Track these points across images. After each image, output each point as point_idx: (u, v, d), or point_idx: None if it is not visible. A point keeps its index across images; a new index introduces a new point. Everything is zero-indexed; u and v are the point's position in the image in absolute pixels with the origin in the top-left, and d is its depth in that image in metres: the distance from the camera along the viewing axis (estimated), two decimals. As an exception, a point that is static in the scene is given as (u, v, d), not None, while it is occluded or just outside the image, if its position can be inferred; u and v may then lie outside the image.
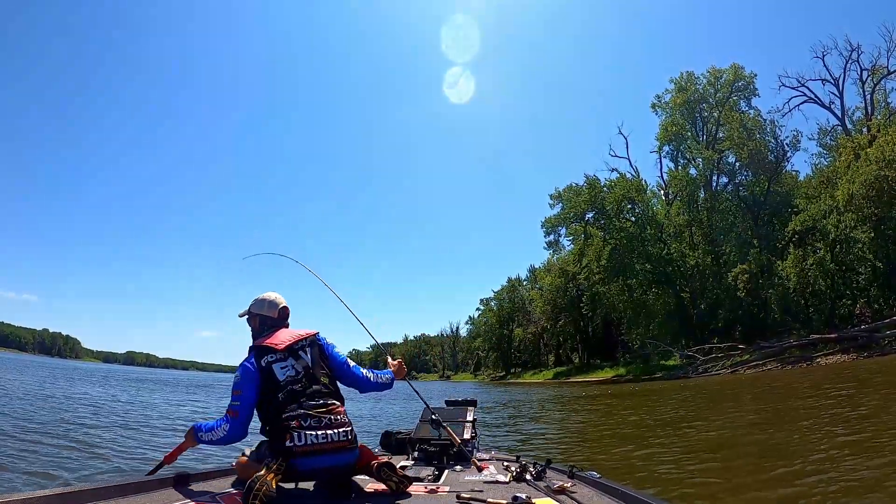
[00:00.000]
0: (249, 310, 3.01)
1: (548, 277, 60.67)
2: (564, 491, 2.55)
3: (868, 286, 30.63)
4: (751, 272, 35.65)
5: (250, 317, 3.00)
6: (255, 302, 3.00)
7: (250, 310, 3.00)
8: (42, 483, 5.05)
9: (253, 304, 3.00)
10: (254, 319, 2.98)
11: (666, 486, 5.26)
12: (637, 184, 45.39)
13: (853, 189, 28.96)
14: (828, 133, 40.90)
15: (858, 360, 22.49)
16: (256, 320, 2.97)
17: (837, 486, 4.59)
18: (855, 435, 6.81)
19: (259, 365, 2.67)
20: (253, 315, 2.99)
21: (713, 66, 44.09)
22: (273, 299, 3.01)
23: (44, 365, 53.92)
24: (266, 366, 2.67)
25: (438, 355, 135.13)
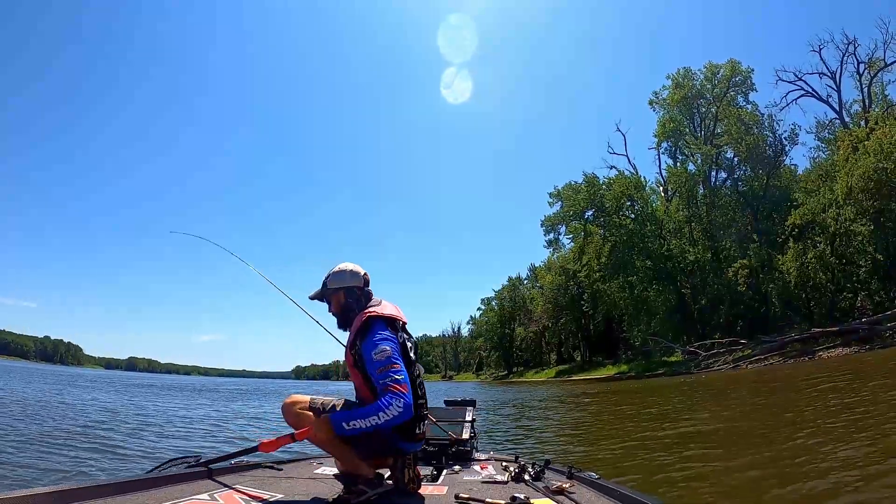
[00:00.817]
0: (327, 286, 2.69)
1: (548, 276, 60.64)
2: (563, 491, 2.54)
3: (868, 279, 30.62)
4: (751, 267, 35.66)
5: (331, 294, 2.70)
6: (334, 276, 2.69)
7: (329, 286, 2.69)
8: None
9: (332, 279, 2.69)
10: (338, 296, 2.68)
11: (666, 486, 5.25)
12: (636, 181, 45.42)
13: (852, 182, 28.94)
14: (825, 127, 40.94)
15: (860, 353, 22.47)
16: (342, 294, 2.68)
17: (839, 484, 4.58)
18: (857, 430, 6.79)
19: (398, 338, 2.52)
20: (336, 290, 2.69)
21: (710, 62, 44.17)
22: (353, 268, 2.72)
23: (49, 373, 53.89)
24: (402, 341, 2.55)
25: (440, 356, 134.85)
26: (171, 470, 2.59)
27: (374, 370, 2.35)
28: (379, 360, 2.35)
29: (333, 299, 2.69)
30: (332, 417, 2.33)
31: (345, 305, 2.67)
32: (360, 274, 2.71)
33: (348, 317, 2.65)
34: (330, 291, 2.69)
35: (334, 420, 2.31)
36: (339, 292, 2.68)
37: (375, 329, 2.47)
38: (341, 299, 2.68)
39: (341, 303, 2.68)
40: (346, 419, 2.29)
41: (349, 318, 2.64)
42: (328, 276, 2.71)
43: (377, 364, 2.35)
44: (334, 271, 2.70)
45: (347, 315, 2.66)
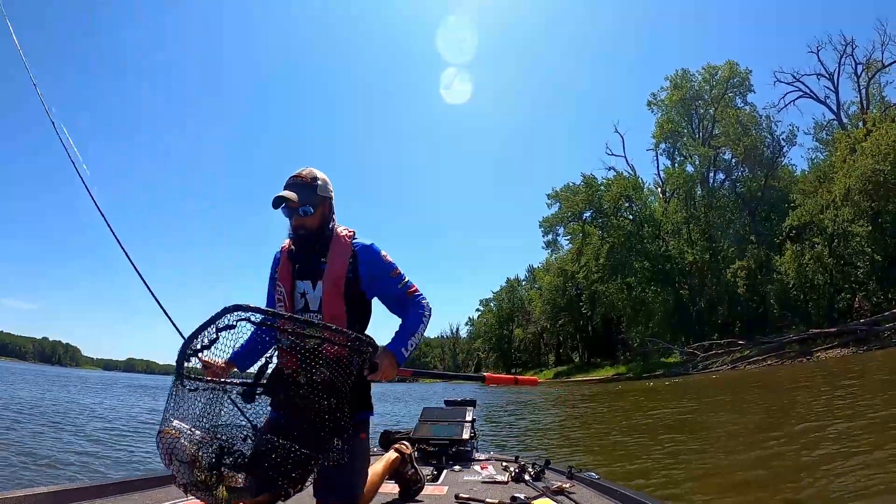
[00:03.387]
0: (317, 192, 2.17)
1: (546, 277, 60.62)
2: (563, 491, 2.55)
3: (866, 280, 30.68)
4: (749, 268, 35.73)
5: (320, 203, 2.19)
6: (323, 181, 2.21)
7: (320, 192, 2.18)
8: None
9: (323, 184, 2.20)
10: (324, 207, 2.21)
11: (665, 487, 5.26)
12: (634, 182, 45.46)
13: (850, 183, 29.02)
14: (823, 128, 41.02)
15: (858, 354, 22.53)
16: (328, 206, 2.24)
17: (837, 483, 4.59)
18: (855, 431, 6.81)
19: None
20: (325, 199, 2.22)
21: (708, 64, 44.23)
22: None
23: (50, 374, 53.78)
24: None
25: (439, 357, 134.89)
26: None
27: (395, 285, 2.23)
28: (396, 276, 2.23)
29: (319, 210, 2.18)
30: (392, 348, 2.10)
31: (327, 218, 2.24)
32: None
33: (322, 235, 2.22)
34: (319, 200, 2.18)
35: (398, 351, 2.10)
36: (325, 202, 2.22)
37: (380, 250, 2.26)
38: (326, 211, 2.23)
39: (325, 216, 2.23)
40: (404, 344, 2.12)
41: (322, 238, 2.22)
42: (314, 179, 2.18)
43: (396, 280, 2.23)
44: (320, 176, 2.21)
45: (323, 233, 2.22)
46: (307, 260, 2.21)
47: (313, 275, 2.19)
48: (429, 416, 4.15)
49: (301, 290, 2.20)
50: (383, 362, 1.99)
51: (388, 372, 2.00)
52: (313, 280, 2.18)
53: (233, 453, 1.58)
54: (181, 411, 1.63)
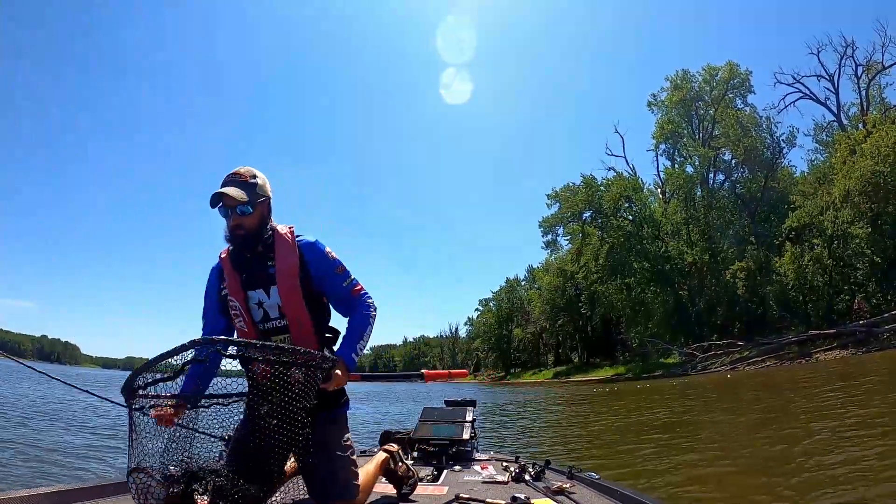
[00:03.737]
0: (256, 191, 2.07)
1: (546, 277, 60.66)
2: (563, 491, 2.55)
3: (866, 281, 30.72)
4: (748, 269, 35.76)
5: (259, 203, 2.08)
6: (262, 181, 2.11)
7: (259, 191, 2.08)
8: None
9: (262, 185, 2.10)
10: (262, 207, 2.11)
11: (665, 487, 5.26)
12: (634, 182, 45.48)
13: (849, 185, 29.06)
14: (823, 129, 41.16)
15: (857, 356, 22.56)
16: (267, 206, 2.15)
17: (837, 485, 4.60)
18: (853, 432, 6.82)
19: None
20: (265, 199, 2.13)
21: (708, 64, 44.29)
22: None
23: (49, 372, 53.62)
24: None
25: (438, 356, 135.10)
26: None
27: (340, 283, 2.15)
28: (341, 274, 2.15)
29: (258, 209, 2.07)
30: (342, 354, 2.02)
31: (265, 218, 2.13)
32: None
33: (262, 237, 2.11)
34: (258, 199, 2.07)
35: (348, 357, 2.02)
36: (265, 202, 2.11)
37: (324, 247, 2.17)
38: (265, 211, 2.12)
39: (264, 216, 2.12)
40: (353, 350, 2.05)
41: (263, 239, 2.11)
42: (253, 178, 2.08)
43: (341, 277, 2.15)
44: (259, 175, 2.11)
45: (262, 234, 2.10)
46: (253, 266, 2.10)
47: (264, 281, 2.09)
48: (429, 416, 4.15)
49: (256, 300, 2.10)
50: (336, 371, 1.91)
51: (340, 380, 1.95)
52: (265, 287, 2.09)
53: (203, 478, 1.57)
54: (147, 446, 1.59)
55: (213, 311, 2.19)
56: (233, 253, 2.13)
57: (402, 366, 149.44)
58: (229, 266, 2.14)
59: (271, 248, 2.11)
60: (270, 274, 2.08)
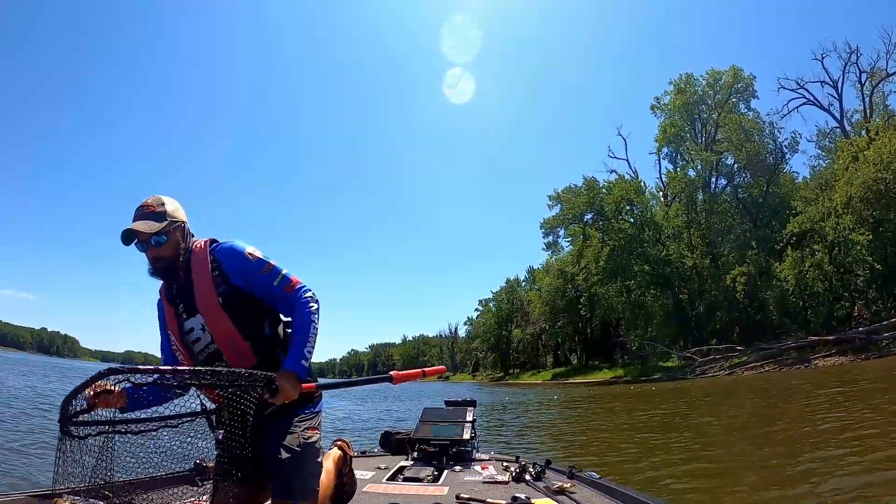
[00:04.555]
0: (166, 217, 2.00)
1: (546, 278, 60.65)
2: (564, 491, 2.57)
3: (866, 288, 30.70)
4: (749, 274, 35.71)
5: (173, 230, 2.02)
6: (171, 207, 2.04)
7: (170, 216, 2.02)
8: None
9: (172, 211, 2.03)
10: (176, 234, 2.04)
11: (664, 487, 5.28)
12: (636, 185, 45.42)
13: (851, 191, 29.01)
14: (826, 135, 41.10)
15: (856, 362, 22.54)
16: (181, 231, 2.07)
17: (836, 485, 4.62)
18: (851, 436, 6.83)
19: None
20: (178, 225, 2.05)
21: (712, 68, 44.21)
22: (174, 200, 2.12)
23: (48, 365, 53.74)
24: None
25: (437, 356, 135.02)
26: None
27: (271, 284, 2.02)
28: (269, 272, 2.03)
29: (173, 237, 2.01)
30: (289, 365, 1.92)
31: (182, 245, 2.05)
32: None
33: (177, 261, 2.03)
34: (171, 226, 2.01)
35: (295, 367, 1.92)
36: (178, 228, 2.04)
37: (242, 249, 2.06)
38: (180, 238, 2.05)
39: (179, 243, 2.04)
40: (300, 356, 1.94)
41: (179, 263, 2.04)
42: (161, 206, 2.01)
43: (269, 276, 2.02)
44: (168, 201, 2.05)
45: (178, 259, 2.03)
46: (184, 294, 2.05)
47: (195, 306, 2.02)
48: (429, 416, 4.17)
49: (190, 327, 2.04)
50: (283, 384, 1.84)
51: (289, 393, 1.86)
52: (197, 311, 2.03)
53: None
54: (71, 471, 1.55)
55: (165, 348, 2.13)
56: (164, 286, 2.11)
57: (402, 365, 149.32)
58: (164, 300, 2.11)
59: (189, 269, 2.04)
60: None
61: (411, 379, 2.36)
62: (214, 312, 1.99)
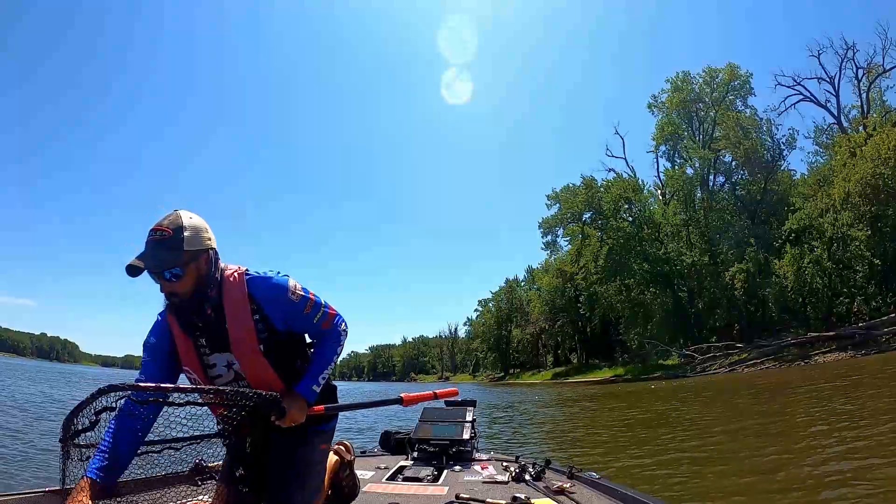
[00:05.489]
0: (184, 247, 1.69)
1: (545, 278, 60.64)
2: (563, 491, 2.57)
3: (865, 284, 30.72)
4: (748, 271, 35.75)
5: (190, 262, 1.72)
6: (193, 231, 1.73)
7: (188, 247, 1.69)
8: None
9: (191, 236, 1.71)
10: (199, 263, 1.75)
11: (664, 486, 5.27)
12: (634, 184, 45.49)
13: (849, 187, 29.08)
14: (824, 131, 41.09)
15: (856, 358, 22.56)
16: (205, 260, 1.77)
17: (835, 485, 4.62)
18: (849, 435, 6.83)
19: None
20: (199, 253, 1.74)
21: (709, 66, 44.28)
22: (201, 220, 1.82)
23: (48, 371, 53.67)
24: None
25: (437, 357, 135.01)
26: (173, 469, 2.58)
27: (311, 321, 1.90)
28: (311, 311, 1.89)
29: (192, 270, 1.73)
30: (300, 389, 1.84)
31: (206, 276, 1.77)
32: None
33: (204, 294, 1.77)
34: (189, 256, 1.71)
35: (305, 391, 1.84)
36: (200, 257, 1.75)
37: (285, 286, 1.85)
38: (202, 268, 1.76)
39: (202, 274, 1.76)
40: (314, 381, 1.86)
41: (206, 298, 1.78)
42: (177, 231, 1.69)
43: (311, 315, 1.89)
44: (188, 223, 1.73)
45: (204, 291, 1.77)
46: (207, 330, 1.83)
47: (227, 345, 1.82)
48: (429, 416, 4.16)
49: (224, 361, 1.85)
50: (291, 407, 1.77)
51: (296, 416, 1.78)
52: (230, 350, 1.83)
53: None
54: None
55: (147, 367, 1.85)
56: (179, 320, 1.82)
57: (402, 365, 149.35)
58: (176, 329, 1.84)
59: (221, 306, 1.81)
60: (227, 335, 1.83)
61: (422, 400, 2.37)
62: (253, 359, 1.82)
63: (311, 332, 1.97)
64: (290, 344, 1.94)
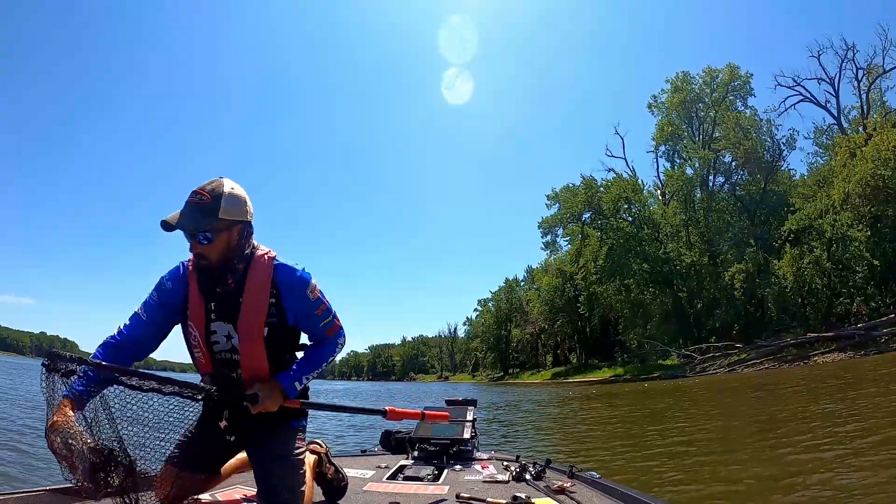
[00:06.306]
0: (218, 214, 1.76)
1: (545, 278, 60.70)
2: (564, 491, 2.56)
3: (865, 285, 30.74)
4: (747, 271, 35.76)
5: (223, 230, 1.79)
6: (230, 200, 1.79)
7: (223, 215, 1.77)
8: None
9: (228, 205, 1.78)
10: (231, 233, 1.82)
11: (665, 486, 5.27)
12: (633, 184, 45.50)
13: (849, 188, 29.11)
14: (824, 132, 41.14)
15: (855, 359, 22.58)
16: (237, 231, 1.85)
17: (834, 484, 4.62)
18: (849, 434, 6.84)
19: None
20: (232, 224, 1.82)
21: (709, 67, 44.26)
22: (243, 192, 1.89)
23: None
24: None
25: (436, 356, 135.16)
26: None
27: (318, 324, 1.99)
28: (322, 314, 1.98)
29: (223, 237, 1.79)
30: (282, 379, 1.88)
31: (236, 247, 1.83)
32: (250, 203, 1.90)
33: (231, 266, 1.83)
34: (223, 225, 1.78)
35: (287, 382, 1.89)
36: (234, 227, 1.81)
37: (308, 281, 1.95)
38: (234, 239, 1.82)
39: (232, 245, 1.82)
40: (298, 379, 1.91)
41: (231, 269, 1.84)
42: (216, 199, 1.76)
43: (321, 317, 1.98)
44: (228, 192, 1.79)
45: (231, 264, 1.83)
46: (222, 298, 1.87)
47: (234, 318, 1.87)
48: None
49: (225, 332, 1.89)
50: (265, 396, 1.81)
51: (269, 405, 1.82)
52: (235, 323, 1.88)
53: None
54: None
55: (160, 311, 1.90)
56: (200, 280, 1.88)
57: (401, 364, 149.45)
58: (196, 287, 1.89)
59: (244, 279, 1.87)
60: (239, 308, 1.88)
61: (407, 418, 2.44)
62: (254, 341, 1.88)
63: (315, 334, 2.03)
64: (290, 338, 2.02)
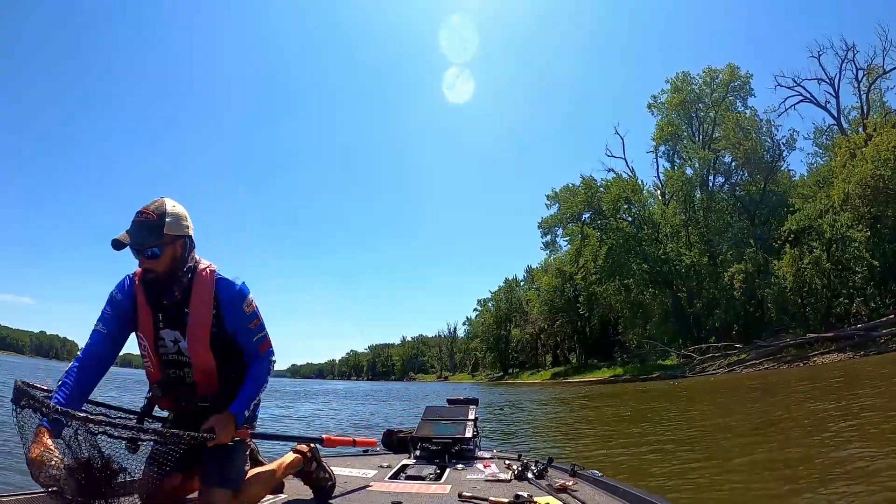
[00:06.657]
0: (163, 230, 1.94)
1: (545, 278, 60.67)
2: (566, 489, 2.57)
3: (864, 285, 30.74)
4: (747, 272, 35.74)
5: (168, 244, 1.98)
6: (174, 218, 1.99)
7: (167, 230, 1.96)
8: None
9: (172, 222, 1.97)
10: (175, 247, 2.01)
11: (666, 485, 5.29)
12: (633, 184, 45.49)
13: (849, 188, 29.11)
14: (823, 132, 41.11)
15: (855, 359, 22.58)
16: (180, 245, 2.03)
17: (834, 485, 4.63)
18: (849, 434, 6.85)
19: None
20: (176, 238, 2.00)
21: (709, 67, 44.24)
22: (182, 208, 2.07)
23: (49, 369, 53.56)
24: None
25: (436, 356, 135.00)
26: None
27: (251, 339, 2.14)
28: (255, 328, 2.14)
29: (169, 251, 1.97)
30: (233, 410, 2.03)
31: (181, 259, 2.02)
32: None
33: (175, 278, 2.01)
34: (169, 240, 1.96)
35: (238, 412, 2.03)
36: (177, 241, 2.00)
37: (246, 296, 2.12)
38: (178, 252, 2.01)
39: (177, 257, 2.01)
40: (245, 405, 2.07)
41: (176, 280, 2.02)
42: (161, 216, 1.94)
43: (254, 332, 2.14)
44: (171, 210, 1.98)
45: (175, 276, 2.01)
46: (169, 308, 2.06)
47: (180, 325, 2.06)
48: (431, 414, 4.16)
49: (172, 337, 2.08)
50: (220, 428, 1.94)
51: (224, 437, 1.95)
52: (182, 330, 2.07)
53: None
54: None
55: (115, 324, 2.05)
56: (147, 292, 2.04)
57: (401, 364, 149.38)
58: (144, 299, 2.05)
59: (188, 290, 2.05)
60: (185, 317, 2.06)
61: (340, 444, 2.66)
62: (202, 347, 2.07)
63: (248, 348, 2.17)
64: (232, 346, 2.15)
